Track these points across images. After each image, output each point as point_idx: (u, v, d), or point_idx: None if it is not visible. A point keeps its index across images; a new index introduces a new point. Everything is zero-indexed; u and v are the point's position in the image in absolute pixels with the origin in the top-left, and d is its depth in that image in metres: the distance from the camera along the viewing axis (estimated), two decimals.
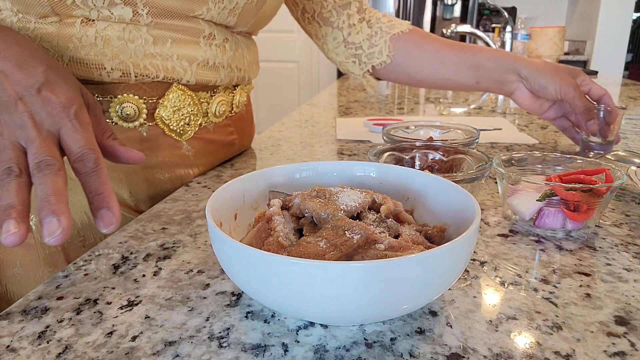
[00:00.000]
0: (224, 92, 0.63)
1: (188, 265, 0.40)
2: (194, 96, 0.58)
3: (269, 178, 0.43)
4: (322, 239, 0.32)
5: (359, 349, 0.30)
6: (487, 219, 0.50)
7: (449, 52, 0.77)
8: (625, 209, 0.53)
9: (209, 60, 0.57)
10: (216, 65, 0.59)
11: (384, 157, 0.55)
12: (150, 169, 0.57)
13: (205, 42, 0.56)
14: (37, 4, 0.46)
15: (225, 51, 0.60)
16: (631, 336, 0.31)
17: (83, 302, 0.35)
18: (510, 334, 0.31)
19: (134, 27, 0.50)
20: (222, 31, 0.59)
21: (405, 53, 0.78)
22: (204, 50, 0.56)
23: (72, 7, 0.47)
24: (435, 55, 0.78)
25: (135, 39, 0.51)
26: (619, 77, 2.90)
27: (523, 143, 0.84)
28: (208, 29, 0.56)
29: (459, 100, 1.38)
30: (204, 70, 0.57)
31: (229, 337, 0.31)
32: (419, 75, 0.80)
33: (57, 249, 0.54)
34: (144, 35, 0.51)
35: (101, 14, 0.48)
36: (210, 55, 0.57)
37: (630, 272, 0.39)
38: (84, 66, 0.50)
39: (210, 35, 0.57)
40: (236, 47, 0.62)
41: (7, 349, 0.30)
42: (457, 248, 0.29)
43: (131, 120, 0.54)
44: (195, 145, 0.61)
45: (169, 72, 0.54)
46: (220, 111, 0.63)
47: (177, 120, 0.57)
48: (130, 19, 0.50)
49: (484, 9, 3.48)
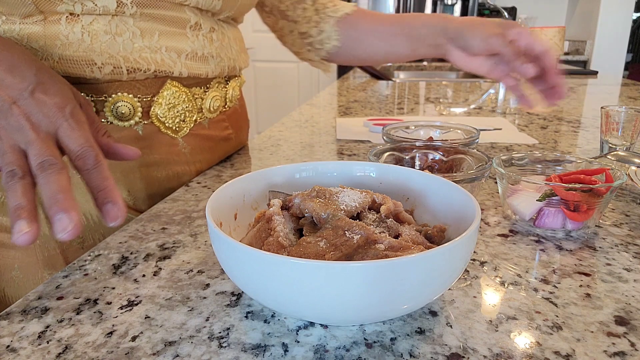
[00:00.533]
0: (217, 87, 0.64)
1: (188, 265, 0.40)
2: (188, 92, 0.58)
3: (269, 178, 0.43)
4: (322, 239, 0.32)
5: (359, 349, 0.30)
6: (487, 219, 0.50)
7: (385, 26, 0.80)
8: (625, 209, 0.53)
9: (197, 51, 0.57)
10: (205, 56, 0.59)
11: (384, 157, 0.55)
12: (147, 168, 0.57)
13: (192, 33, 0.57)
14: (20, 4, 0.46)
15: (212, 41, 0.60)
16: (631, 336, 0.31)
17: (83, 302, 0.35)
18: (510, 334, 0.31)
19: (120, 20, 0.50)
20: (208, 20, 0.59)
21: (349, 35, 0.81)
22: (192, 40, 0.57)
23: (56, 1, 0.47)
24: (372, 33, 0.80)
25: (122, 32, 0.50)
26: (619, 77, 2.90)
27: (523, 143, 0.84)
28: (194, 17, 0.56)
29: (459, 100, 1.38)
30: (193, 61, 0.57)
31: (229, 337, 0.31)
32: (362, 54, 0.83)
33: (56, 251, 0.54)
34: (131, 28, 0.51)
35: (85, 6, 0.48)
36: (198, 45, 0.58)
37: (630, 272, 0.39)
38: (74, 63, 0.49)
39: (197, 25, 0.57)
40: (222, 37, 0.63)
41: (7, 349, 0.30)
42: (457, 248, 0.29)
43: (126, 119, 0.54)
44: (191, 142, 0.61)
45: (158, 64, 0.53)
46: (215, 106, 0.64)
47: (172, 118, 0.57)
48: (115, 9, 0.49)
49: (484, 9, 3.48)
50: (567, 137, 0.88)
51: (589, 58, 3.21)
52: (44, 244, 0.54)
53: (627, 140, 0.73)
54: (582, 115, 1.09)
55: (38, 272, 0.55)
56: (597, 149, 0.79)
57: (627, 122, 0.72)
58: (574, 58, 3.18)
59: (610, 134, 0.74)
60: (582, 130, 0.94)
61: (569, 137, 0.88)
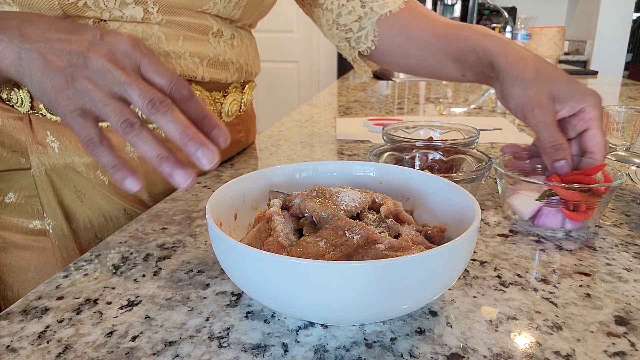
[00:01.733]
0: (234, 91, 0.64)
1: (188, 265, 0.40)
2: (209, 96, 0.60)
3: (269, 178, 0.43)
4: (322, 239, 0.32)
5: (359, 349, 0.30)
6: (487, 219, 0.50)
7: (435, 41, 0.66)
8: (625, 209, 0.53)
9: (218, 57, 0.58)
10: (225, 62, 0.59)
11: (384, 157, 0.55)
12: None
13: (214, 39, 0.57)
14: (47, 7, 0.46)
15: (233, 47, 0.61)
16: (631, 336, 0.31)
17: (83, 302, 0.35)
18: (510, 334, 0.31)
19: (146, 26, 0.51)
20: (229, 27, 0.60)
21: (390, 40, 0.69)
22: (214, 46, 0.57)
23: (84, 8, 0.47)
24: (420, 45, 0.67)
25: (148, 37, 0.51)
26: (619, 77, 2.90)
27: (523, 143, 0.84)
28: (216, 25, 0.57)
29: (459, 100, 1.38)
30: (214, 68, 0.58)
31: (229, 337, 0.31)
32: (406, 64, 0.72)
33: (75, 251, 0.54)
34: (156, 34, 0.51)
35: (112, 14, 0.48)
36: (220, 51, 0.58)
37: (630, 272, 0.39)
38: None
39: (219, 32, 0.58)
40: (241, 43, 0.63)
41: (7, 349, 0.30)
42: (457, 248, 0.29)
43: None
44: None
45: (182, 69, 0.54)
46: (232, 110, 0.65)
47: None
48: (141, 18, 0.50)
49: (484, 9, 3.48)
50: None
51: (589, 58, 3.20)
52: (62, 244, 0.54)
53: (627, 140, 0.73)
54: None
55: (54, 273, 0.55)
56: None
57: (627, 122, 0.72)
58: (574, 58, 3.18)
59: (610, 134, 0.74)
60: None
61: None
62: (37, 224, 0.54)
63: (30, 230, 0.54)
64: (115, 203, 0.55)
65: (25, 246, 0.54)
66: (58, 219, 0.53)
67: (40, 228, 0.54)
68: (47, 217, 0.53)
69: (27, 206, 0.53)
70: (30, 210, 0.54)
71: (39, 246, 0.54)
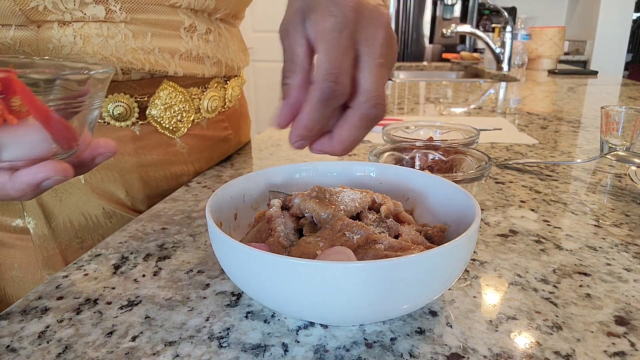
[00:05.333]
0: (215, 86, 0.63)
1: (188, 265, 0.40)
2: (185, 92, 0.58)
3: (269, 178, 0.43)
4: (322, 239, 0.32)
5: (359, 349, 0.30)
6: (487, 219, 0.50)
7: None
8: (625, 209, 0.53)
9: (191, 51, 0.56)
10: (200, 56, 0.58)
11: (384, 157, 0.55)
12: (144, 168, 0.57)
13: (186, 34, 0.55)
14: (11, 15, 0.46)
15: (208, 42, 0.59)
16: (631, 336, 0.31)
17: (83, 302, 0.35)
18: (510, 334, 0.31)
19: (111, 24, 0.50)
20: (204, 21, 0.58)
21: None
22: (186, 41, 0.55)
23: (45, 12, 0.46)
24: None
25: (114, 35, 0.50)
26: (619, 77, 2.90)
27: (523, 143, 0.84)
28: (188, 20, 0.55)
29: (459, 100, 1.38)
30: (188, 61, 0.56)
31: (229, 337, 0.31)
32: None
33: (55, 251, 0.54)
34: (122, 31, 0.50)
35: (74, 15, 0.48)
36: (193, 46, 0.56)
37: (630, 272, 0.39)
38: None
39: (192, 27, 0.56)
40: (219, 37, 0.61)
41: (7, 349, 0.30)
42: (457, 248, 0.29)
43: (123, 119, 0.53)
44: (189, 142, 0.61)
45: (152, 64, 0.53)
46: (212, 107, 0.63)
47: (169, 118, 0.57)
48: (104, 17, 0.49)
49: (484, 9, 3.48)
50: (567, 137, 0.88)
51: (589, 58, 3.21)
52: (42, 244, 0.54)
53: (627, 140, 0.73)
54: (582, 115, 1.09)
55: (37, 272, 0.55)
56: (597, 149, 0.79)
57: (627, 122, 0.72)
58: (574, 58, 3.19)
59: (610, 134, 0.74)
60: (582, 130, 0.94)
61: (569, 137, 0.88)
62: (19, 222, 0.54)
63: (12, 229, 0.54)
64: (93, 202, 0.54)
65: (9, 244, 0.54)
66: (38, 218, 0.53)
67: (22, 226, 0.54)
68: (27, 216, 0.53)
69: (10, 204, 0.53)
70: (12, 208, 0.54)
71: (21, 245, 0.54)
